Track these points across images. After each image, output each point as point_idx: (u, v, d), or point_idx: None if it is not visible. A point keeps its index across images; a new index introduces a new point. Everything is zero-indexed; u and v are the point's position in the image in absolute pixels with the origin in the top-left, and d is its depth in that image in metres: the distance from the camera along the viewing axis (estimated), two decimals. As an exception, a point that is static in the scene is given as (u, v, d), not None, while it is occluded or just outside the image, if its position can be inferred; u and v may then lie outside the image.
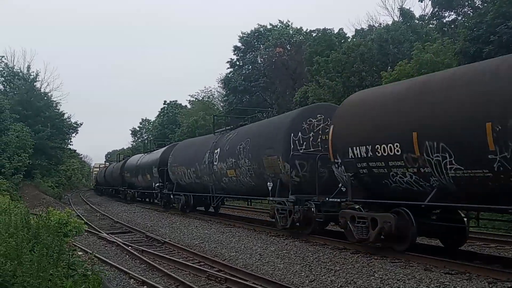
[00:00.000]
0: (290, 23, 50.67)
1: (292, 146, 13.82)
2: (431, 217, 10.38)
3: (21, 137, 35.67)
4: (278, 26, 50.54)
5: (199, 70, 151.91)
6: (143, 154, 34.82)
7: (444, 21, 31.24)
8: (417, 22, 33.60)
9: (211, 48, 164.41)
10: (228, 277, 9.31)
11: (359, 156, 10.48)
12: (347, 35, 38.75)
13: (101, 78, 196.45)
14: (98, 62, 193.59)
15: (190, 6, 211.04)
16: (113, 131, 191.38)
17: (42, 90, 50.84)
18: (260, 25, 51.23)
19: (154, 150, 32.55)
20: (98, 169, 67.01)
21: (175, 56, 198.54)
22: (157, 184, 26.75)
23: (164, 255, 11.89)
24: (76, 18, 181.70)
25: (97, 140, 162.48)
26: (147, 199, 34.30)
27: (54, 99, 51.22)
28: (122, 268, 10.45)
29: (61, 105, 52.08)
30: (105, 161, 74.07)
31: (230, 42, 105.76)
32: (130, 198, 35.55)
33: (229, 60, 51.03)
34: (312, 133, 14.04)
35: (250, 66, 49.09)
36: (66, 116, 51.37)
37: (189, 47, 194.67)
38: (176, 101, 66.34)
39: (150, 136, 69.09)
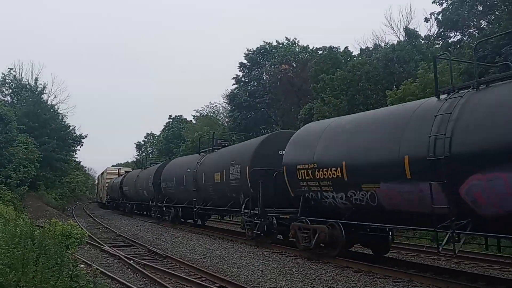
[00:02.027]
0: (296, 41, 51.06)
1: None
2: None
3: (29, 149, 35.92)
4: (284, 43, 50.88)
5: (204, 85, 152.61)
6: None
7: (450, 41, 31.34)
8: (423, 42, 33.76)
9: (217, 64, 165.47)
10: (230, 293, 9.27)
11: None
12: (352, 53, 38.98)
13: (107, 91, 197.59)
14: (104, 76, 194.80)
15: (197, 22, 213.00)
16: (117, 144, 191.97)
17: (49, 102, 51.29)
18: (266, 42, 51.62)
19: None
20: (113, 177, 48.24)
21: (182, 71, 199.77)
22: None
23: (166, 270, 11.86)
24: (83, 35, 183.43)
25: (101, 153, 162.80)
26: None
27: (61, 112, 51.66)
28: (124, 281, 10.43)
29: (67, 117, 52.49)
30: (119, 168, 55.40)
31: (235, 58, 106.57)
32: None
33: (235, 76, 51.32)
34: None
35: (256, 83, 49.31)
36: (71, 128, 51.72)
37: (195, 63, 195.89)
38: (181, 115, 66.75)
39: (154, 150, 69.20)
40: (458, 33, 30.93)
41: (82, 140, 53.25)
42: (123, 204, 39.24)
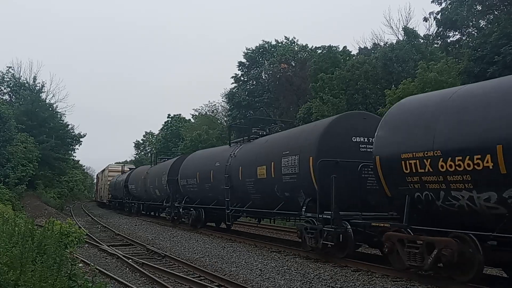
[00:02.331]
0: (295, 40, 51.09)
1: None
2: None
3: (28, 148, 35.87)
4: (283, 43, 50.90)
5: (203, 85, 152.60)
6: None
7: (449, 40, 31.38)
8: (422, 41, 33.77)
9: (216, 63, 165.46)
10: (229, 292, 9.26)
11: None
12: (351, 53, 39.01)
13: (105, 90, 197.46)
14: (102, 74, 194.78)
15: (196, 22, 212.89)
16: (116, 143, 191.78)
17: (47, 101, 51.20)
18: (265, 41, 51.66)
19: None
20: (115, 175, 45.65)
21: (180, 70, 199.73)
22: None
23: (165, 269, 11.85)
24: (82, 34, 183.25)
25: (100, 152, 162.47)
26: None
27: (59, 110, 51.61)
28: (122, 280, 10.42)
29: (65, 116, 52.45)
30: (122, 164, 53.70)
31: (235, 57, 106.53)
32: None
33: (234, 75, 51.38)
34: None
35: (255, 82, 49.37)
36: (70, 127, 51.69)
37: (194, 62, 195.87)
38: (180, 114, 66.72)
39: (153, 149, 69.14)
40: (457, 33, 30.96)
41: (81, 139, 53.23)
42: (129, 204, 36.14)
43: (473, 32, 29.39)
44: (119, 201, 40.47)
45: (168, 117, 66.89)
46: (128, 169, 44.33)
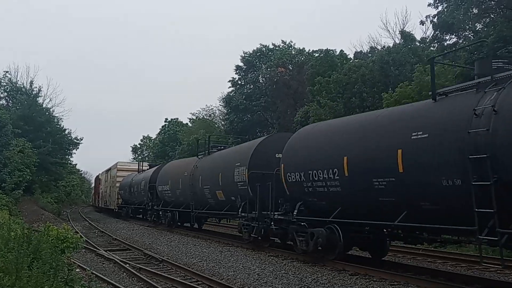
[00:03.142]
0: (292, 43, 51.13)
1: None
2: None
3: (26, 153, 35.75)
4: (280, 46, 50.94)
5: (200, 88, 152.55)
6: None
7: (445, 44, 31.46)
8: (418, 44, 33.84)
9: (213, 67, 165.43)
10: (226, 296, 9.24)
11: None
12: (348, 56, 39.06)
13: (102, 94, 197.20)
14: (99, 79, 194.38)
15: (193, 24, 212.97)
16: (113, 147, 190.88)
17: (44, 105, 51.07)
18: (262, 45, 51.68)
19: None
20: (127, 174, 37.83)
21: (177, 74, 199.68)
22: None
23: (162, 274, 11.82)
24: (78, 38, 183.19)
25: (97, 156, 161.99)
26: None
27: (56, 115, 51.48)
28: (119, 286, 10.38)
29: (62, 121, 52.31)
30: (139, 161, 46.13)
31: (232, 60, 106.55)
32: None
33: (231, 79, 51.35)
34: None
35: (252, 85, 49.37)
36: (67, 131, 51.56)
37: (191, 65, 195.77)
38: (177, 118, 66.65)
39: (150, 153, 69.05)
40: (453, 36, 31.04)
41: (78, 144, 53.11)
42: (157, 213, 27.53)
43: (470, 35, 29.46)
44: (136, 207, 33.21)
45: (165, 121, 66.88)
46: (148, 166, 35.87)
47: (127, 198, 35.31)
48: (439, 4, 30.54)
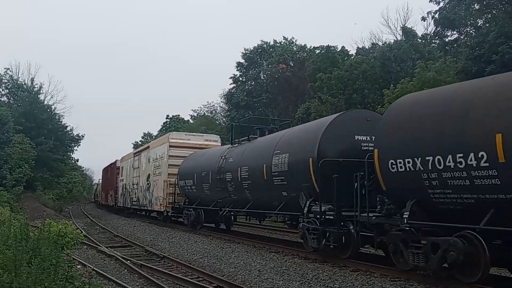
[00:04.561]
0: (294, 40, 51.10)
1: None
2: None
3: (24, 149, 35.78)
4: (281, 43, 50.91)
5: (202, 85, 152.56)
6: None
7: (447, 40, 31.44)
8: (420, 41, 33.83)
9: (214, 64, 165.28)
10: (227, 293, 9.23)
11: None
12: (350, 53, 39.02)
13: (103, 91, 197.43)
14: (100, 76, 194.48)
15: (194, 21, 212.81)
16: (114, 144, 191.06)
17: (45, 102, 51.21)
18: (263, 42, 51.65)
19: None
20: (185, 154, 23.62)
21: (179, 71, 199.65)
22: None
23: (163, 270, 11.81)
24: (80, 35, 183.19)
25: (98, 153, 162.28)
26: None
27: (58, 112, 51.60)
28: (120, 282, 10.38)
29: (64, 118, 52.43)
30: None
31: (233, 57, 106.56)
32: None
33: (232, 75, 51.38)
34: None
35: (253, 82, 49.41)
36: (68, 128, 51.68)
37: (192, 62, 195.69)
38: (179, 115, 66.72)
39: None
40: (455, 32, 31.03)
41: (80, 140, 53.22)
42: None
43: (471, 31, 29.40)
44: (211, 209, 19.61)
45: (166, 118, 66.97)
46: (217, 139, 25.57)
47: (196, 194, 21.16)
48: (440, 0, 30.53)
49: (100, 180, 54.25)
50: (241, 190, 16.73)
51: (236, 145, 18.53)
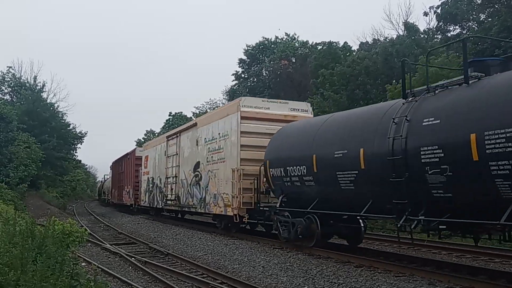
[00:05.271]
0: (296, 36, 51.04)
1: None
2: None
3: (32, 149, 35.88)
4: (283, 39, 50.86)
5: (204, 82, 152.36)
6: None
7: (449, 35, 31.34)
8: (422, 36, 33.71)
9: (217, 61, 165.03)
10: (231, 289, 9.27)
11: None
12: (352, 48, 38.96)
13: (103, 91, 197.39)
14: (103, 74, 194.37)
15: (196, 19, 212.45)
16: (117, 142, 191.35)
17: (48, 100, 51.31)
18: (265, 38, 51.60)
19: None
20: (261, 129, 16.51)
21: (181, 68, 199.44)
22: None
23: (168, 267, 11.87)
24: (82, 34, 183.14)
25: (101, 151, 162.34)
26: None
27: (61, 110, 51.72)
28: (125, 279, 10.44)
29: (67, 115, 52.54)
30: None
31: (235, 54, 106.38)
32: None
33: (234, 72, 51.39)
34: None
35: (255, 79, 49.41)
36: (71, 126, 51.78)
37: (195, 59, 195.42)
38: (182, 112, 66.71)
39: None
40: (457, 27, 30.92)
41: (83, 138, 53.33)
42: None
43: (474, 26, 29.32)
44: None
45: (169, 115, 66.98)
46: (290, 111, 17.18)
47: (317, 190, 12.57)
48: (442, -5, 30.40)
49: (107, 176, 49.76)
50: (471, 179, 8.03)
51: (429, 94, 9.69)
